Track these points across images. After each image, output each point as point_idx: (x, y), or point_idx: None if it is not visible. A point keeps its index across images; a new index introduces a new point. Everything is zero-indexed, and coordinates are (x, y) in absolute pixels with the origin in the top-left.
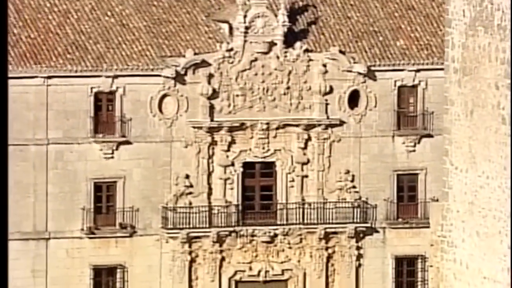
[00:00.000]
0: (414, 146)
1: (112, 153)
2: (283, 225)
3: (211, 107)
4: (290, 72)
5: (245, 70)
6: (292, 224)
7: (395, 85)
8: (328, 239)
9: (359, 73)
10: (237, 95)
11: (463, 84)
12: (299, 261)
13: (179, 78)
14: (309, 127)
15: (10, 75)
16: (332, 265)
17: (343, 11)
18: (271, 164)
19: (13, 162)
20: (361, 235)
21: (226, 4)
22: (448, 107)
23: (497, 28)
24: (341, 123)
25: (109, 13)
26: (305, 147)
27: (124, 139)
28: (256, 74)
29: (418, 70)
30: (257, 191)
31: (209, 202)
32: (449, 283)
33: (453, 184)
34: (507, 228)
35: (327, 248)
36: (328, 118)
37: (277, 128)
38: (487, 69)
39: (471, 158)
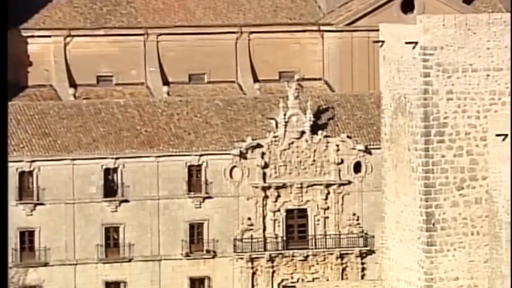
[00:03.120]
0: None
1: (200, 204)
2: (312, 249)
3: (264, 174)
4: (315, 150)
5: (285, 149)
6: (319, 248)
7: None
8: (342, 258)
9: (360, 150)
10: (281, 166)
11: (391, 148)
12: (323, 272)
13: (243, 155)
14: (328, 185)
15: (133, 154)
16: (346, 275)
17: (351, 111)
18: (304, 210)
19: (136, 211)
20: (364, 255)
21: (274, 107)
22: (383, 163)
23: (408, 113)
24: (349, 182)
25: (198, 115)
26: (326, 198)
27: (207, 195)
28: (293, 152)
29: None
30: (295, 227)
31: (264, 235)
32: (386, 272)
33: (387, 211)
34: (417, 236)
35: (342, 264)
36: (340, 179)
37: (307, 187)
38: (403, 138)
39: (396, 194)
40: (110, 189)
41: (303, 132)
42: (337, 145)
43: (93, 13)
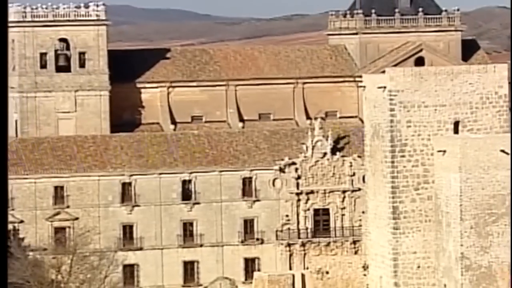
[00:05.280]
0: None
1: (251, 205)
2: (333, 237)
3: (297, 183)
4: (334, 166)
5: (313, 166)
6: (338, 237)
7: None
8: (355, 243)
9: None
10: (309, 177)
11: (370, 162)
12: (341, 254)
13: (282, 170)
14: (344, 191)
15: (203, 170)
16: (359, 255)
17: (361, 138)
18: (327, 209)
19: (205, 211)
20: None
21: (305, 135)
22: (366, 172)
23: (380, 137)
24: (359, 189)
25: (250, 142)
26: (343, 201)
27: (256, 199)
28: (318, 167)
29: None
30: (321, 222)
31: (298, 228)
32: (368, 250)
33: (369, 206)
34: (387, 223)
35: (354, 248)
36: (353, 187)
37: (329, 192)
38: (378, 155)
39: (374, 193)
40: (186, 195)
41: (325, 153)
42: (350, 162)
43: (189, 70)
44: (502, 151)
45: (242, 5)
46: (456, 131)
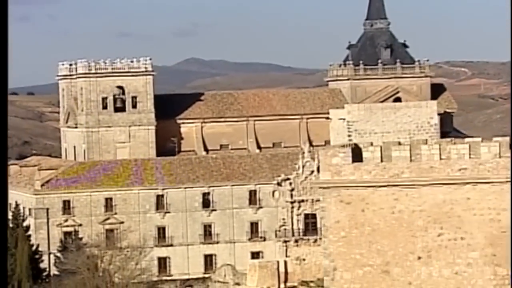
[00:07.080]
0: None
1: (256, 211)
2: (319, 235)
3: (291, 194)
4: None
5: (303, 180)
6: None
7: None
8: None
9: None
10: (301, 190)
11: None
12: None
13: (279, 184)
14: None
15: (219, 184)
16: None
17: None
18: (315, 214)
19: (221, 215)
20: None
21: (297, 157)
22: None
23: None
24: None
25: (256, 163)
26: None
27: (260, 206)
28: (307, 182)
29: None
30: (310, 224)
31: (292, 228)
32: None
33: None
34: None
35: None
36: None
37: (316, 201)
38: None
39: None
40: (206, 204)
41: (312, 171)
42: None
43: (217, 109)
44: None
45: (319, 57)
46: None
